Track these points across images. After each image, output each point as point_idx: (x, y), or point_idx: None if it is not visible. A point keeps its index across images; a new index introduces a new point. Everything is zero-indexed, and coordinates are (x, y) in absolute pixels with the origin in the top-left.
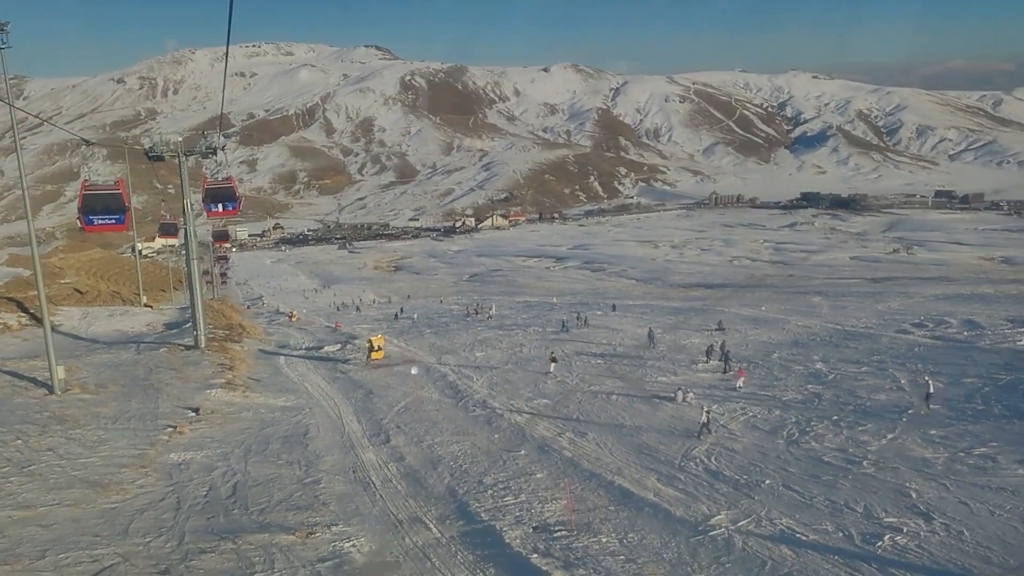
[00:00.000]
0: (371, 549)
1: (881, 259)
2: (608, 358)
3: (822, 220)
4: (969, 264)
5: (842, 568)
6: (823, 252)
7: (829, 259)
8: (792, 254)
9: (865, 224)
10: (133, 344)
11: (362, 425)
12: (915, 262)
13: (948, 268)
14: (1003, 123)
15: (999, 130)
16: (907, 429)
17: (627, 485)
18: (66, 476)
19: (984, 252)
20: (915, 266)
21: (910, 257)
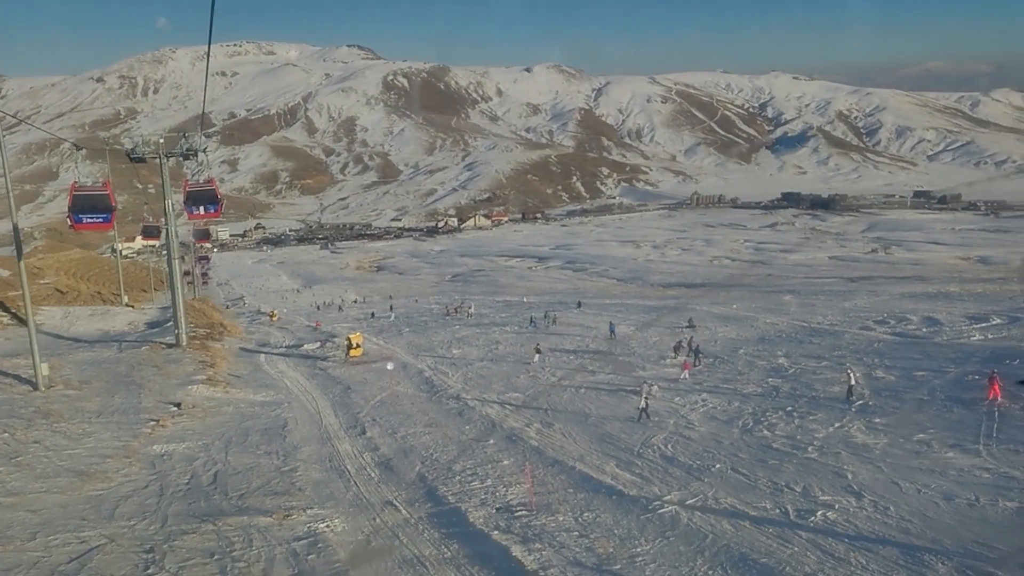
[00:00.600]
0: (344, 529)
1: (859, 259)
2: (579, 354)
3: (802, 220)
4: (945, 264)
5: (774, 539)
6: (802, 252)
7: (808, 259)
8: (772, 254)
9: (844, 224)
10: (115, 343)
11: (339, 418)
12: (892, 262)
13: (924, 268)
14: (980, 124)
15: (977, 131)
16: (854, 418)
17: (587, 470)
18: (53, 466)
19: (961, 252)
20: (891, 266)
21: (888, 257)
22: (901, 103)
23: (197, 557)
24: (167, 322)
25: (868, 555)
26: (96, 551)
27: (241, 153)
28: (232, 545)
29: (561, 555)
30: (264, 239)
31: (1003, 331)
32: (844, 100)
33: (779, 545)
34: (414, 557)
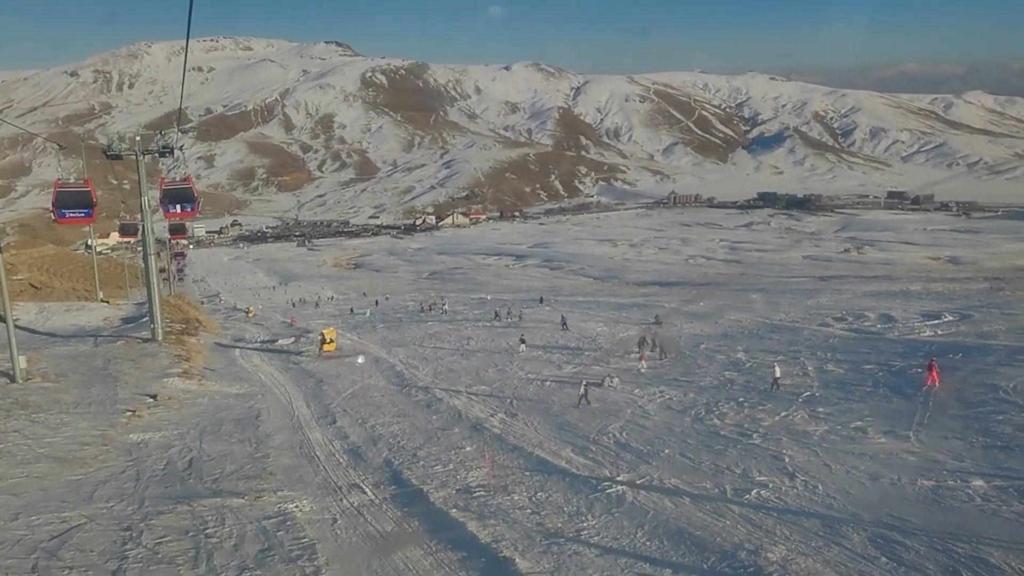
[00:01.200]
0: (312, 509)
1: (832, 258)
2: (547, 349)
3: (778, 220)
4: (915, 263)
5: (710, 514)
6: (777, 251)
7: (782, 258)
8: (747, 253)
9: (819, 224)
10: (91, 337)
11: (311, 409)
12: (864, 261)
13: (894, 267)
14: (953, 126)
15: (949, 132)
16: (800, 408)
17: (544, 455)
18: (32, 453)
19: (931, 252)
20: (863, 265)
21: (860, 256)
22: (876, 104)
23: (172, 534)
24: (143, 317)
25: (792, 527)
26: (76, 530)
27: (218, 149)
28: (206, 523)
29: (513, 529)
30: (241, 236)
31: (953, 327)
32: (820, 101)
33: (713, 519)
34: (377, 533)
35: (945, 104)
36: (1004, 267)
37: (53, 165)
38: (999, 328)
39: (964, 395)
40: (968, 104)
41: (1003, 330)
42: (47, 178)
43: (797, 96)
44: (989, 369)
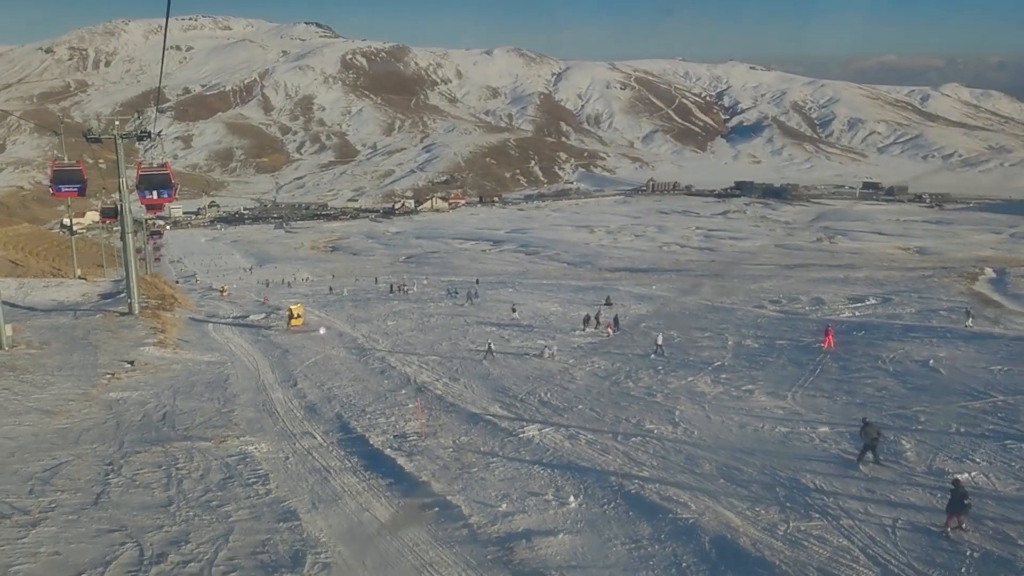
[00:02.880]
0: (268, 450)
1: (803, 247)
2: (500, 326)
3: (754, 209)
4: (883, 253)
5: (597, 451)
6: (750, 240)
7: (754, 246)
8: (721, 241)
9: (795, 213)
10: (70, 311)
11: (275, 375)
12: (833, 250)
13: (861, 256)
14: (930, 118)
15: (925, 125)
16: (707, 374)
17: (475, 410)
18: (23, 406)
19: (901, 242)
20: (831, 254)
21: (831, 246)
22: (854, 95)
23: (148, 468)
24: (120, 293)
25: (659, 459)
26: (65, 464)
27: (195, 130)
28: (176, 460)
29: (435, 463)
30: (218, 218)
31: (871, 309)
32: (799, 91)
33: (599, 455)
34: (323, 467)
35: (922, 96)
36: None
37: (28, 143)
38: (909, 310)
39: (849, 364)
40: (945, 97)
41: (911, 312)
42: (21, 156)
43: (777, 86)
44: (880, 343)
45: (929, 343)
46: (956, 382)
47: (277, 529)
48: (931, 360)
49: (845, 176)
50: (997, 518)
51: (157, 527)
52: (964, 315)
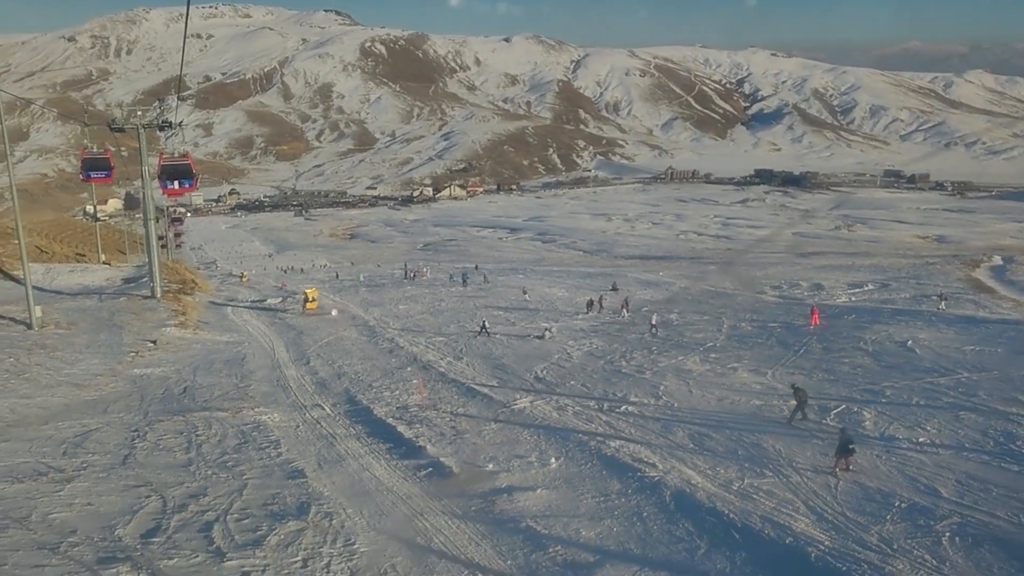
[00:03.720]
0: (280, 419)
1: (821, 235)
2: (507, 310)
3: (773, 197)
4: (901, 241)
5: (582, 419)
6: (768, 228)
7: (772, 235)
8: (738, 229)
9: (815, 201)
10: (95, 294)
11: (289, 354)
12: (850, 239)
13: (878, 245)
14: (953, 105)
15: (948, 112)
16: (697, 353)
17: (474, 386)
18: (54, 380)
19: (920, 231)
20: (848, 242)
21: (849, 234)
22: (876, 82)
23: (170, 434)
24: (142, 277)
25: (638, 427)
26: (95, 431)
27: (216, 117)
28: (196, 428)
29: (431, 431)
30: (238, 205)
31: (866, 295)
32: (820, 78)
33: (583, 423)
34: (329, 434)
35: (945, 83)
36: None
37: (51, 131)
38: (903, 296)
39: (832, 345)
40: (969, 83)
41: (905, 297)
42: (44, 143)
43: (798, 73)
44: (866, 326)
45: (913, 326)
46: (928, 361)
47: (286, 485)
48: (910, 341)
49: (866, 164)
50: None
51: (178, 483)
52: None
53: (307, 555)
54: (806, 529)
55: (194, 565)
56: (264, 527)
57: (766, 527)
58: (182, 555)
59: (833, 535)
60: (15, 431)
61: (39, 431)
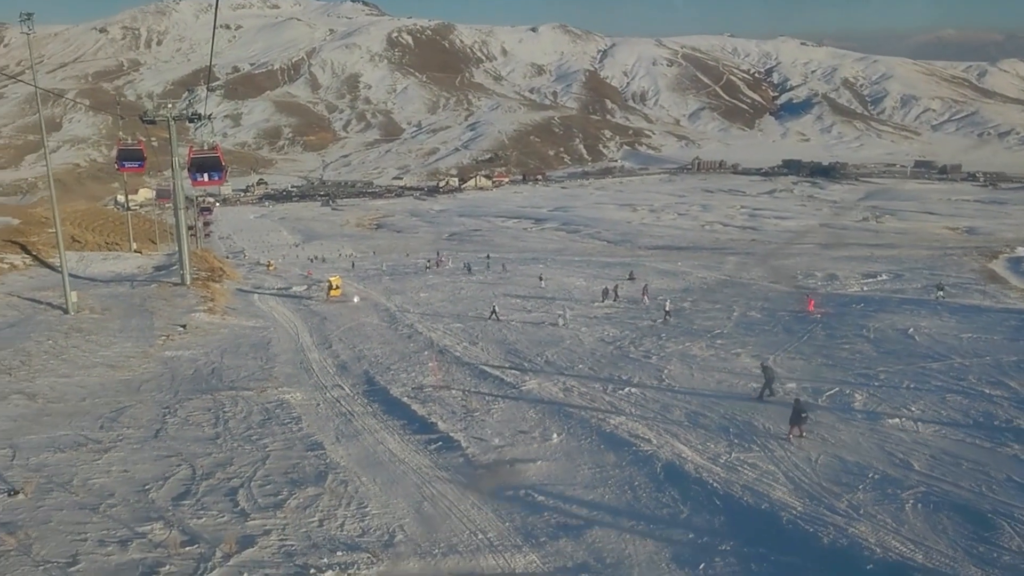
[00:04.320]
0: (302, 398)
1: (848, 226)
2: (525, 298)
3: (801, 187)
4: (929, 233)
5: (586, 400)
6: (795, 219)
7: (798, 226)
8: (765, 220)
9: (843, 192)
10: (127, 281)
11: (313, 338)
12: (878, 230)
13: (905, 236)
14: (986, 95)
15: (982, 101)
16: (704, 340)
17: (487, 368)
18: (90, 361)
19: (951, 222)
20: (875, 233)
21: (877, 225)
22: (908, 71)
23: (199, 411)
24: (173, 265)
25: (638, 407)
26: (129, 407)
27: (244, 108)
28: (223, 405)
29: (443, 408)
30: (266, 195)
31: (880, 285)
32: (851, 67)
33: (588, 403)
34: (347, 411)
35: (979, 72)
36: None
37: (84, 122)
38: (914, 285)
39: (835, 332)
40: (1003, 72)
41: (916, 287)
42: (77, 134)
43: (828, 62)
44: (872, 314)
45: (917, 314)
46: (924, 347)
47: (305, 456)
48: (911, 329)
49: (897, 155)
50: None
51: (207, 454)
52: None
53: (323, 516)
54: (782, 497)
55: (220, 524)
56: (284, 492)
57: (746, 495)
58: (209, 515)
59: (806, 502)
60: (55, 407)
61: (77, 407)
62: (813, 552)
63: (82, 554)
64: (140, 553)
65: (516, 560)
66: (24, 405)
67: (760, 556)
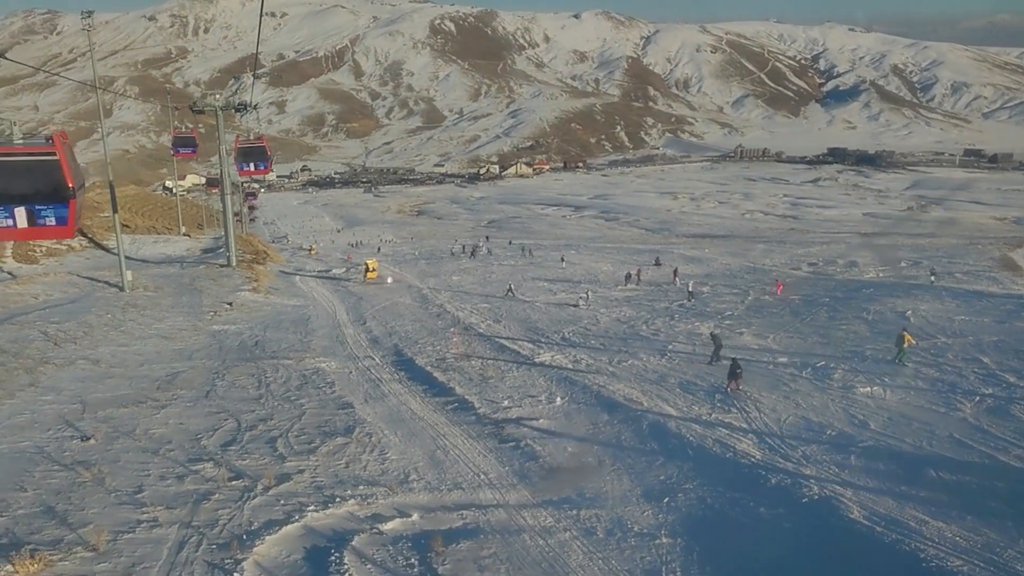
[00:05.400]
0: (336, 366)
1: (892, 216)
2: (552, 281)
3: (846, 176)
4: (974, 222)
5: (592, 372)
6: (837, 208)
7: (840, 215)
8: (806, 209)
9: (889, 181)
10: (177, 263)
11: (349, 316)
12: (921, 219)
13: (948, 226)
14: None
15: None
16: (713, 320)
17: (507, 344)
18: (146, 332)
19: (999, 212)
20: (918, 223)
21: (921, 215)
22: (959, 58)
23: (244, 376)
24: (219, 248)
25: (638, 376)
26: (182, 372)
27: (289, 95)
28: (265, 372)
29: (463, 376)
30: (310, 181)
31: (896, 271)
32: (900, 54)
33: (592, 372)
34: (376, 378)
35: None
36: None
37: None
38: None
39: (837, 315)
40: None
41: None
42: (126, 120)
43: (876, 48)
44: (878, 298)
45: (921, 299)
46: (916, 328)
47: (337, 414)
48: (909, 312)
49: (946, 143)
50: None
51: (250, 411)
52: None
53: (349, 460)
54: (747, 448)
55: (261, 464)
56: (317, 441)
57: (715, 447)
58: (252, 458)
59: (766, 452)
60: (117, 371)
61: (136, 371)
62: (761, 489)
63: (146, 485)
64: (194, 485)
65: (510, 495)
66: (89, 369)
67: (716, 493)
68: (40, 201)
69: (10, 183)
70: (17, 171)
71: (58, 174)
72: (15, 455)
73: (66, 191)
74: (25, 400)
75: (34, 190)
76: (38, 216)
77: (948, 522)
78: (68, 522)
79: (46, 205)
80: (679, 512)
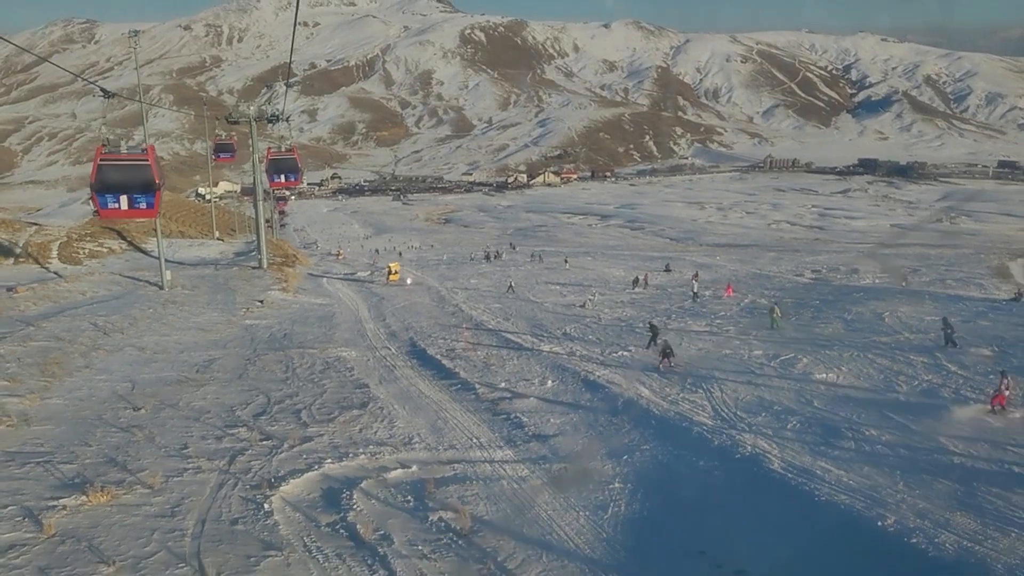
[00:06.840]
0: (356, 355)
1: (921, 227)
2: (564, 285)
3: (876, 187)
4: (1002, 234)
5: (585, 360)
6: (865, 219)
7: (868, 226)
8: (834, 220)
9: (920, 192)
10: (211, 265)
11: (370, 313)
12: (949, 231)
13: (974, 238)
14: None
15: None
16: (707, 321)
17: (512, 337)
18: (184, 325)
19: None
20: (944, 234)
21: (949, 226)
22: (995, 68)
23: (273, 362)
24: (251, 251)
25: (624, 365)
26: (218, 358)
27: (320, 103)
28: (292, 359)
29: (468, 363)
30: (339, 189)
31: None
32: (933, 64)
33: (583, 363)
34: (391, 364)
35: None
36: None
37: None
38: (923, 280)
39: (820, 316)
40: None
41: (924, 281)
42: (161, 128)
43: (909, 58)
44: (864, 301)
45: (902, 302)
46: (887, 326)
47: (354, 392)
48: (886, 313)
49: (979, 154)
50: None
51: (279, 389)
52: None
53: (362, 427)
54: (702, 419)
55: (287, 429)
56: (336, 413)
57: (676, 419)
58: (279, 425)
59: (717, 422)
60: (160, 356)
61: (177, 357)
62: (705, 448)
63: (190, 443)
64: (230, 444)
65: (496, 454)
66: (136, 354)
67: (667, 451)
68: (136, 191)
69: (118, 178)
70: (123, 170)
71: (149, 173)
72: (78, 420)
73: (154, 185)
74: (82, 379)
75: (133, 184)
76: (135, 202)
77: (848, 471)
78: (128, 468)
79: (140, 194)
80: (633, 466)
